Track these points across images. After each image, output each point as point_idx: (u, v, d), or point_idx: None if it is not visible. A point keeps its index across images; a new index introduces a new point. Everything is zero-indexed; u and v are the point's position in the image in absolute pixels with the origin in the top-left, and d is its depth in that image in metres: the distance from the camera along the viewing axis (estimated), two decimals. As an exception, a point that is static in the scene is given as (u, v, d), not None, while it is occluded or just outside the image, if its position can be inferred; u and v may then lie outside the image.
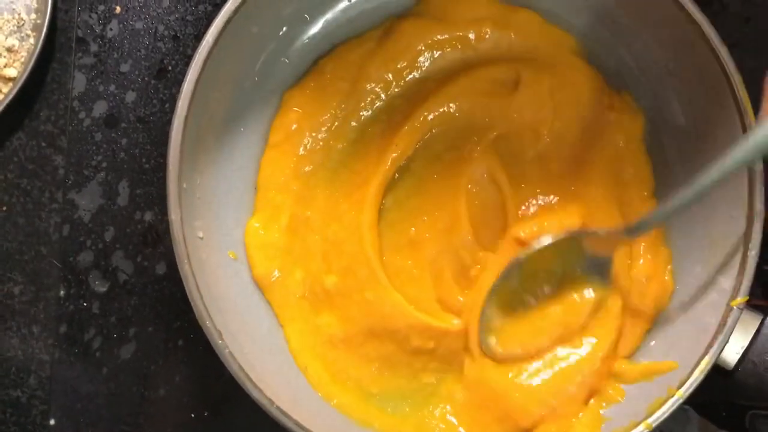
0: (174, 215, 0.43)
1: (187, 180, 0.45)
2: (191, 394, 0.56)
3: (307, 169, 0.51)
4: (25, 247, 0.57)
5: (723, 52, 0.46)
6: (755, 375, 0.46)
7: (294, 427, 0.43)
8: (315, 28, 0.52)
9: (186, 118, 0.44)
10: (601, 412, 0.48)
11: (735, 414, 0.58)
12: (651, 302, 0.51)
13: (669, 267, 0.51)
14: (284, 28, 0.50)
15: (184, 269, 0.43)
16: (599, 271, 0.50)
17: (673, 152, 0.51)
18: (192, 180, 0.46)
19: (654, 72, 0.51)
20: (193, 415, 0.56)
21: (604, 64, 0.53)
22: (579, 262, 0.50)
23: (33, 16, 0.58)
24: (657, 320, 0.50)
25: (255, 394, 0.42)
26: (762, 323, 0.47)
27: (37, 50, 0.55)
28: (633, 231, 0.47)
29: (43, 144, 0.58)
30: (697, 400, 0.57)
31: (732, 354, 0.47)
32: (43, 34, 0.55)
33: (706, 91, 0.47)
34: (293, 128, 0.51)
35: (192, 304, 0.43)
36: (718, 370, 0.48)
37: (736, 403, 0.57)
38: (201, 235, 0.46)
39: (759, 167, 0.46)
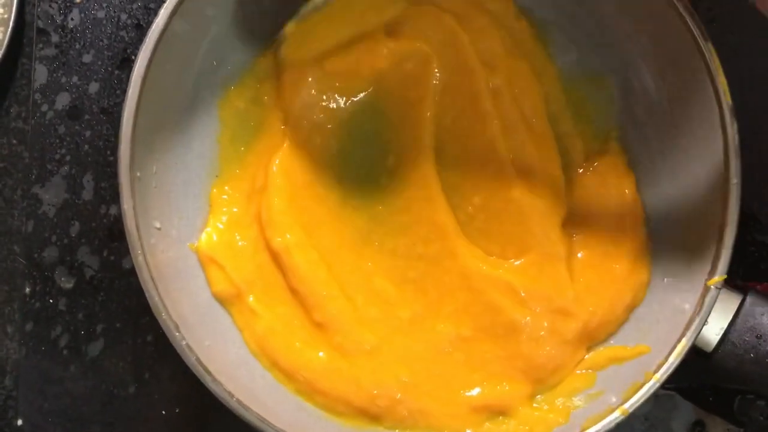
0: (126, 205, 0.42)
1: (142, 169, 0.44)
2: (161, 390, 0.55)
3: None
4: (-2, 245, 0.56)
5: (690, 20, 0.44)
6: (735, 357, 0.44)
7: (256, 421, 0.42)
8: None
9: (137, 104, 0.42)
10: (574, 398, 0.47)
11: (723, 399, 0.57)
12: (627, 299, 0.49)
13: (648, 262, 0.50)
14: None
15: (138, 260, 0.42)
16: None
17: (642, 113, 0.50)
18: (147, 169, 0.44)
19: (623, 42, 0.50)
20: (163, 412, 0.55)
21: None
22: None
23: (0, 11, 0.56)
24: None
25: (212, 385, 0.41)
26: (742, 303, 0.45)
27: (4, 46, 0.54)
28: None
29: (14, 141, 0.57)
30: (683, 386, 0.56)
31: (712, 335, 0.45)
32: (9, 29, 0.54)
33: (678, 61, 0.46)
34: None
35: (147, 295, 0.42)
36: (698, 353, 0.46)
37: (723, 388, 0.56)
38: (158, 225, 0.45)
39: (734, 141, 0.44)
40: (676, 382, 0.54)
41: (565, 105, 0.52)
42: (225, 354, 0.46)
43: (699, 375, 0.54)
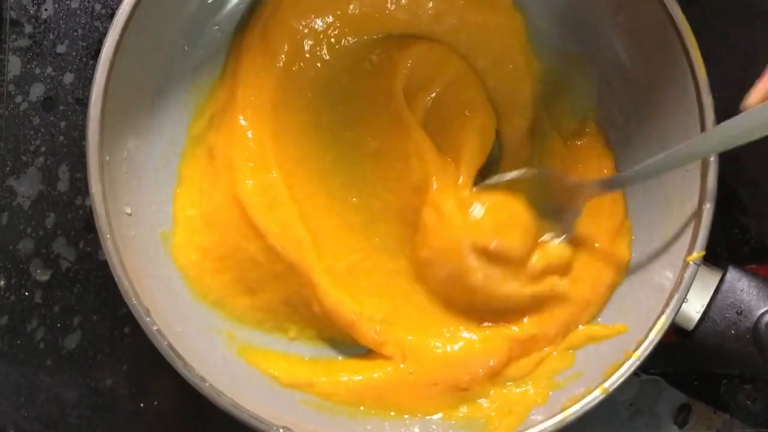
0: (95, 188, 0.41)
1: (111, 153, 0.43)
2: (139, 383, 0.54)
3: None
4: (-25, 242, 0.55)
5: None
6: (716, 334, 0.44)
7: (229, 407, 0.41)
8: (245, -7, 0.50)
9: (105, 86, 0.42)
10: (553, 378, 0.46)
11: (708, 384, 0.56)
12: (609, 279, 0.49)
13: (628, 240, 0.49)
14: (213, -6, 0.48)
15: (107, 245, 0.41)
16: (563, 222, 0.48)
17: (620, 93, 0.50)
18: (117, 153, 0.44)
19: (600, 22, 0.49)
20: (142, 405, 0.54)
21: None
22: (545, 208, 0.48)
23: (-23, 7, 0.56)
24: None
25: (184, 371, 0.41)
26: (722, 280, 0.44)
27: (-20, 41, 0.53)
28: (606, 186, 0.46)
29: (-8, 135, 0.56)
30: (668, 371, 0.55)
31: (693, 313, 0.45)
32: (-14, 25, 0.54)
33: (654, 40, 0.46)
34: None
35: (116, 280, 0.41)
36: (679, 332, 0.46)
37: (709, 372, 0.56)
38: (129, 211, 0.45)
39: (710, 117, 0.44)
40: (660, 366, 0.54)
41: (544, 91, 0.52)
42: (198, 340, 0.45)
43: (682, 358, 0.53)
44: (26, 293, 0.54)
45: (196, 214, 0.47)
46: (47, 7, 0.56)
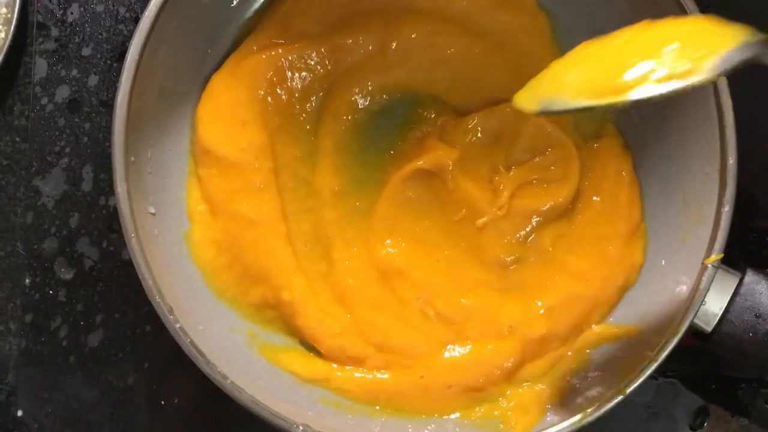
0: (120, 188, 0.42)
1: (136, 153, 0.44)
2: (160, 381, 0.55)
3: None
4: (0, 243, 0.56)
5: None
6: (734, 337, 0.44)
7: (250, 404, 0.42)
8: (266, -4, 0.50)
9: (130, 90, 0.43)
10: (569, 379, 0.46)
11: (727, 388, 0.56)
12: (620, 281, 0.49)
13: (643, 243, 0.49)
14: (235, -1, 0.49)
15: (131, 243, 0.42)
16: None
17: None
18: (142, 154, 0.45)
19: (618, 24, 0.49)
20: (162, 403, 0.55)
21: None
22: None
23: (3, 10, 0.57)
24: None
25: (205, 367, 0.41)
26: (740, 283, 0.45)
27: (6, 45, 0.54)
28: None
29: (17, 139, 0.57)
30: (685, 374, 0.55)
31: (711, 315, 0.45)
32: (12, 28, 0.54)
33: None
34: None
35: (140, 278, 0.42)
36: (697, 334, 0.46)
37: (727, 377, 0.55)
38: (153, 210, 0.45)
39: (729, 119, 0.44)
40: (677, 369, 0.54)
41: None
42: (220, 339, 0.45)
43: (700, 361, 0.53)
44: (50, 291, 0.55)
45: (205, 209, 0.48)
46: (73, 10, 0.57)
